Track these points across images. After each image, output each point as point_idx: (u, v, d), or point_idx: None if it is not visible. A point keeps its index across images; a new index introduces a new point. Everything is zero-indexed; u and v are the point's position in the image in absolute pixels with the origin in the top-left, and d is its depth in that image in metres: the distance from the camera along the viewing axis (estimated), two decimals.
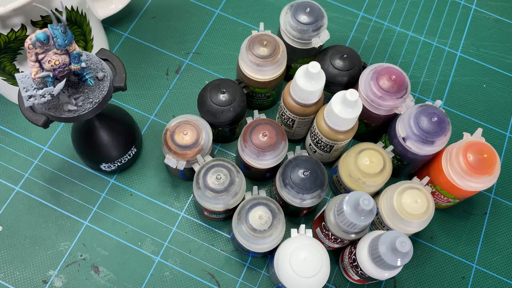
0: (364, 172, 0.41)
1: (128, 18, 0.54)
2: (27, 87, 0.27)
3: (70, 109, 0.29)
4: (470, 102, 0.54)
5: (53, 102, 0.29)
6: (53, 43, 0.27)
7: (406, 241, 0.35)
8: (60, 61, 0.27)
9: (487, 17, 0.59)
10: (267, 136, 0.41)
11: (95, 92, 0.30)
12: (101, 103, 0.29)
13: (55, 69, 0.27)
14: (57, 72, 0.28)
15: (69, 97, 0.29)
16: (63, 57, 0.27)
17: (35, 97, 0.27)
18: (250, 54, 0.43)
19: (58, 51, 0.27)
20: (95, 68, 0.30)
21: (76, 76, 0.30)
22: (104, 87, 0.30)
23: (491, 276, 0.46)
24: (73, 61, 0.28)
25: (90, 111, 0.29)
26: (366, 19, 0.57)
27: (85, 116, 0.29)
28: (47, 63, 0.27)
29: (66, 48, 0.27)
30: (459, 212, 0.48)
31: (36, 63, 0.27)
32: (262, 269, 0.44)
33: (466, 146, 0.41)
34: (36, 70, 0.27)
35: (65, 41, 0.27)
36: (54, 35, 0.27)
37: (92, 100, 0.29)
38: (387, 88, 0.42)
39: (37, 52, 0.27)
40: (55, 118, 0.29)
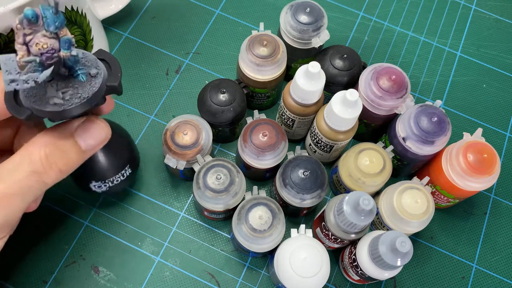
0: (364, 172, 0.41)
1: (128, 18, 0.55)
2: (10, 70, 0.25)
3: (55, 102, 0.26)
4: (470, 102, 0.54)
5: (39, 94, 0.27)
6: (42, 24, 0.25)
7: (406, 241, 0.35)
8: (49, 45, 0.25)
9: (487, 17, 0.59)
10: (267, 136, 0.41)
11: (85, 88, 0.27)
12: (90, 99, 0.27)
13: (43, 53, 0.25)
14: (45, 58, 0.25)
15: (56, 91, 0.27)
16: (52, 41, 0.25)
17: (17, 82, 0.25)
18: (250, 54, 0.43)
19: (47, 33, 0.25)
20: (89, 66, 0.29)
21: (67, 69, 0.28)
22: (95, 84, 0.28)
23: (491, 276, 0.46)
24: (63, 47, 0.25)
25: (77, 106, 0.27)
26: (366, 19, 0.57)
27: (71, 112, 0.27)
28: (34, 46, 0.25)
29: (56, 32, 0.25)
30: (459, 212, 0.48)
31: (24, 46, 0.25)
32: (262, 269, 0.44)
33: (466, 146, 0.41)
34: (23, 53, 0.25)
35: (56, 23, 0.25)
36: (44, 15, 0.24)
37: (81, 95, 0.27)
38: (387, 88, 0.42)
39: (25, 33, 0.25)
40: (39, 112, 0.26)
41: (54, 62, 0.26)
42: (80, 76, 0.28)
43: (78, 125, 0.29)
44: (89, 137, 0.30)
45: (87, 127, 0.30)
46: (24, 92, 0.27)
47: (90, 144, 0.30)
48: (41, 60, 0.25)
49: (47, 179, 0.28)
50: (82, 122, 0.30)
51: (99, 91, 0.28)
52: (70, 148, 0.29)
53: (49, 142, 0.28)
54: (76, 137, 0.29)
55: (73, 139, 0.29)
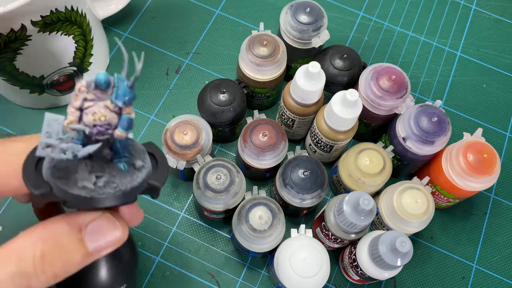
0: (364, 172, 0.41)
1: (128, 18, 0.54)
2: (51, 133, 0.20)
3: (85, 185, 0.21)
4: (470, 102, 0.54)
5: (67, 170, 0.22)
6: (110, 94, 0.21)
7: (406, 241, 0.35)
8: (107, 118, 0.21)
9: (487, 17, 0.59)
10: (267, 136, 0.41)
11: (123, 179, 0.22)
12: (125, 194, 0.22)
13: (96, 125, 0.21)
14: (96, 132, 0.21)
15: (89, 173, 0.22)
16: (112, 115, 0.21)
17: (53, 149, 0.20)
18: (250, 54, 0.43)
19: (111, 105, 0.21)
20: (134, 156, 0.24)
21: (111, 152, 0.23)
22: (137, 178, 0.23)
23: (491, 276, 0.46)
24: (121, 125, 0.21)
25: (109, 198, 0.22)
26: (366, 19, 0.57)
27: (99, 202, 0.22)
28: (90, 114, 0.21)
29: (121, 107, 0.21)
30: (459, 212, 0.48)
31: (77, 112, 0.21)
32: (262, 269, 0.44)
33: (466, 146, 0.41)
34: (73, 119, 0.21)
35: (126, 97, 0.21)
36: (116, 84, 0.21)
37: (116, 186, 0.22)
38: (387, 88, 0.42)
39: (86, 98, 0.21)
40: (61, 191, 0.21)
41: (103, 139, 0.22)
42: (122, 164, 0.23)
43: (90, 220, 0.23)
44: (102, 238, 0.23)
45: (102, 225, 0.23)
46: (51, 162, 0.22)
47: (99, 246, 0.23)
48: (90, 133, 0.21)
49: (36, 284, 0.22)
50: (96, 218, 0.23)
51: (138, 188, 0.23)
52: (74, 248, 0.23)
53: (49, 236, 0.22)
54: (85, 235, 0.23)
55: (80, 236, 0.23)
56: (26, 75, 0.43)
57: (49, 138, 0.20)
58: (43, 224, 0.23)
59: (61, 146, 0.21)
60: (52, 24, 0.40)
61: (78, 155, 0.21)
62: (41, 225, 0.23)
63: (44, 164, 0.22)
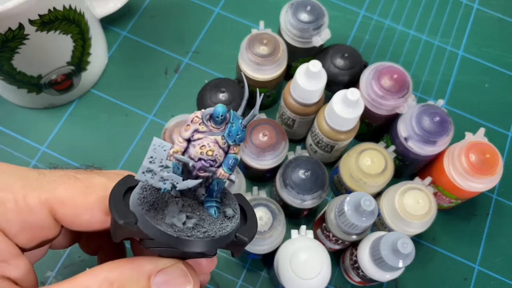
0: (366, 172, 0.40)
1: (127, 17, 0.54)
2: (155, 159, 0.20)
3: (174, 223, 0.20)
4: (473, 102, 0.53)
5: (157, 205, 0.21)
6: (222, 129, 0.21)
7: (407, 242, 0.35)
8: (214, 154, 0.20)
9: (490, 16, 0.59)
10: (267, 136, 0.40)
11: (212, 225, 0.21)
12: (213, 242, 0.20)
13: (201, 159, 0.20)
14: (198, 166, 0.20)
15: (179, 212, 0.21)
16: (220, 152, 0.20)
17: (154, 175, 0.20)
18: (250, 53, 0.42)
19: (221, 141, 0.20)
20: (226, 204, 0.23)
21: (205, 193, 0.22)
22: (226, 227, 0.21)
23: (493, 278, 0.46)
24: (226, 165, 0.21)
25: (196, 242, 0.20)
26: (367, 18, 0.57)
27: (185, 245, 0.20)
28: (198, 147, 0.20)
29: (230, 145, 0.21)
30: (461, 213, 0.48)
31: (185, 143, 0.21)
32: (262, 271, 0.44)
33: (468, 146, 0.40)
34: (179, 149, 0.20)
35: (238, 135, 0.21)
36: (231, 120, 0.21)
37: (206, 231, 0.20)
38: (389, 87, 0.42)
39: (197, 130, 0.21)
40: (147, 225, 0.20)
41: (204, 176, 0.21)
42: (213, 209, 0.22)
43: (161, 270, 0.21)
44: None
45: (173, 276, 0.21)
46: (141, 194, 0.21)
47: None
48: (193, 166, 0.20)
49: None
50: (168, 267, 0.21)
51: (226, 238, 0.21)
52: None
53: (116, 279, 0.20)
54: (153, 284, 0.21)
55: (148, 283, 0.21)
56: (24, 74, 0.43)
57: (152, 164, 0.19)
58: (112, 265, 0.21)
59: (162, 175, 0.20)
60: (50, 23, 0.39)
61: (178, 187, 0.20)
62: (110, 265, 0.21)
63: (132, 195, 0.21)
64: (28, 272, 0.22)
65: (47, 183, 0.22)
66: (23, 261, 0.22)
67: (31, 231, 0.22)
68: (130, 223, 0.20)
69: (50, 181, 0.22)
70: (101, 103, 0.50)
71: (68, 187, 0.22)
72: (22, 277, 0.21)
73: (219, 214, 0.22)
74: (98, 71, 0.50)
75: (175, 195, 0.21)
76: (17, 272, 0.21)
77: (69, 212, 0.22)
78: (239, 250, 0.23)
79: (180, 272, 0.21)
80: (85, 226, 0.23)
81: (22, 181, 0.22)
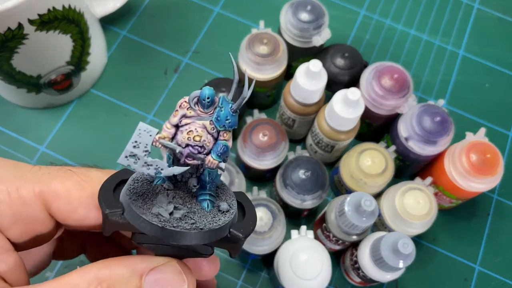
0: (366, 172, 0.40)
1: (127, 17, 0.54)
2: (139, 144, 0.19)
3: (159, 213, 0.19)
4: (473, 102, 0.53)
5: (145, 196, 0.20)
6: (211, 113, 0.20)
7: (408, 243, 0.34)
8: (202, 139, 0.19)
9: (490, 15, 0.58)
10: (267, 136, 0.40)
11: (203, 218, 0.20)
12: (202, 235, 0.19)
13: (188, 145, 0.19)
14: (186, 153, 0.19)
15: (168, 203, 0.20)
16: (209, 138, 0.20)
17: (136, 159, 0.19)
18: (250, 52, 0.42)
19: (209, 126, 0.20)
20: (221, 198, 0.22)
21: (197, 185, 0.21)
22: (218, 221, 0.20)
23: (493, 278, 0.45)
24: (215, 151, 0.20)
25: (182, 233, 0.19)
26: (368, 18, 0.57)
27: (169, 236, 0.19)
28: (185, 132, 0.19)
29: (220, 130, 0.20)
30: (461, 213, 0.48)
31: (173, 129, 0.20)
32: (262, 271, 0.44)
33: (469, 146, 0.40)
34: (166, 135, 0.20)
35: (228, 120, 0.20)
36: (220, 105, 0.20)
37: (194, 223, 0.19)
38: (389, 87, 0.42)
39: (185, 115, 0.20)
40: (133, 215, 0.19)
41: (192, 163, 0.20)
42: (206, 203, 0.21)
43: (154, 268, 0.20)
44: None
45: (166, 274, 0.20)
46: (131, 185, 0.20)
47: None
48: (180, 153, 0.20)
49: None
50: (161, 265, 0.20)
51: (217, 231, 0.20)
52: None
53: (106, 278, 0.19)
54: (145, 282, 0.20)
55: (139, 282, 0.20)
56: (23, 74, 0.42)
57: (136, 148, 0.19)
58: (103, 263, 0.20)
59: (146, 160, 0.19)
60: (49, 23, 0.39)
61: (162, 173, 0.19)
62: (100, 264, 0.20)
63: (123, 189, 0.20)
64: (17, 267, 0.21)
65: (42, 176, 0.21)
66: (13, 256, 0.21)
67: (23, 224, 0.21)
68: (115, 213, 0.19)
69: (45, 174, 0.22)
70: (100, 103, 0.49)
71: (63, 180, 0.22)
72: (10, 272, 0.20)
73: (212, 208, 0.21)
74: (98, 71, 0.50)
75: (168, 187, 0.21)
76: (4, 266, 0.20)
77: (64, 206, 0.21)
78: (236, 249, 0.21)
79: (174, 271, 0.20)
80: (80, 221, 0.22)
81: (15, 173, 0.21)
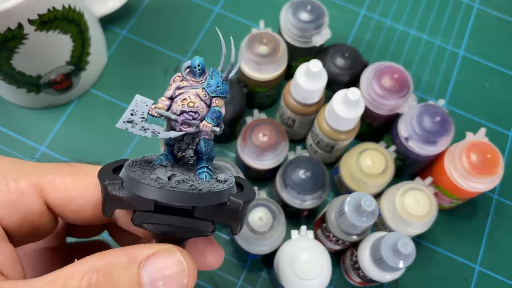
0: (366, 172, 0.40)
1: (126, 17, 0.54)
2: (136, 112, 0.20)
3: (158, 177, 0.20)
4: (473, 102, 0.53)
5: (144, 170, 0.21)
6: (203, 82, 0.21)
7: (408, 243, 0.34)
8: (195, 105, 0.20)
9: (490, 15, 0.58)
10: (267, 136, 0.40)
11: (201, 185, 0.20)
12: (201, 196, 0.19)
13: (183, 112, 0.21)
14: (181, 120, 0.20)
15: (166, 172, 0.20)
16: (202, 105, 0.21)
17: (134, 124, 0.20)
18: (249, 52, 0.42)
19: (202, 93, 0.21)
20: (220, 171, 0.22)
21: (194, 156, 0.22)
22: (216, 188, 0.20)
23: (494, 278, 0.45)
24: (209, 117, 0.21)
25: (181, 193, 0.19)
26: (368, 18, 0.57)
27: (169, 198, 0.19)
28: (179, 101, 0.21)
29: (212, 97, 0.21)
30: (462, 213, 0.48)
31: (168, 101, 0.21)
32: (262, 271, 0.44)
33: (469, 146, 0.40)
34: (161, 106, 0.21)
35: (218, 87, 0.21)
36: (211, 74, 0.21)
37: (192, 185, 0.20)
38: (389, 87, 0.42)
39: (179, 86, 0.21)
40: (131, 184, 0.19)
41: (188, 131, 0.21)
42: (204, 174, 0.21)
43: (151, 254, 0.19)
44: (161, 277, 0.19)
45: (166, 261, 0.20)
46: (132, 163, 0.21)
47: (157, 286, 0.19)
48: (175, 121, 0.21)
49: None
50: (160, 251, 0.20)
51: (216, 195, 0.20)
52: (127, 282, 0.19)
53: (102, 266, 0.19)
54: (143, 269, 0.19)
55: (137, 269, 0.19)
56: (23, 74, 0.42)
57: (133, 115, 0.20)
58: (101, 253, 0.20)
59: (141, 124, 0.20)
60: (49, 23, 0.39)
61: (158, 136, 0.20)
62: (99, 254, 0.20)
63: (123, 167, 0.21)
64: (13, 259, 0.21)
65: (38, 167, 0.22)
66: (8, 247, 0.21)
67: (20, 214, 0.21)
68: (115, 184, 0.19)
69: (42, 167, 0.22)
70: (100, 103, 0.49)
71: (60, 172, 0.22)
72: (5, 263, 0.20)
73: (210, 179, 0.21)
74: (98, 71, 0.50)
75: (166, 165, 0.21)
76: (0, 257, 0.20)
77: (61, 195, 0.22)
78: (236, 221, 0.21)
79: (174, 257, 0.20)
80: (78, 212, 0.22)
81: (13, 166, 0.22)
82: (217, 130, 0.21)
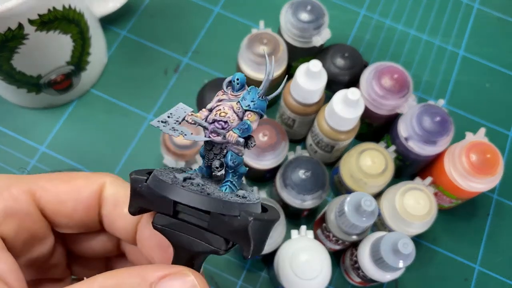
0: (366, 172, 0.40)
1: (126, 17, 0.54)
2: (173, 115, 0.22)
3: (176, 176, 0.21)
4: (473, 102, 0.53)
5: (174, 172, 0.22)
6: (239, 96, 0.22)
7: (408, 243, 0.34)
8: (227, 115, 0.21)
9: (490, 15, 0.58)
10: (267, 136, 0.40)
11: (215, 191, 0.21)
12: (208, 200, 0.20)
13: (215, 120, 0.21)
14: (211, 128, 0.21)
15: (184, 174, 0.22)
16: (234, 116, 0.21)
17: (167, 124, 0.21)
18: (250, 52, 0.42)
19: (236, 106, 0.21)
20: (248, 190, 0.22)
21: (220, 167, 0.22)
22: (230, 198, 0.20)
23: (494, 278, 0.45)
24: (237, 127, 0.21)
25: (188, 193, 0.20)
26: (368, 18, 0.57)
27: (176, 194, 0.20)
28: (214, 111, 0.22)
29: (245, 110, 0.21)
30: (461, 213, 0.48)
31: (207, 112, 0.22)
32: (262, 271, 0.44)
33: (469, 146, 0.40)
34: (199, 115, 0.22)
35: (253, 102, 0.21)
36: (249, 89, 0.22)
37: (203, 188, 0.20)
38: (389, 87, 0.42)
39: (220, 99, 0.22)
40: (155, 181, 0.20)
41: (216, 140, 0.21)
42: (225, 187, 0.21)
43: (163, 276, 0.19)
44: None
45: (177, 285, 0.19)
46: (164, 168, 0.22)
47: None
48: (206, 128, 0.21)
49: None
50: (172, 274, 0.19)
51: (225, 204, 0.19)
52: None
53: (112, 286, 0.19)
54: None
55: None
56: (23, 74, 0.42)
57: (169, 118, 0.22)
58: (111, 273, 0.19)
59: (173, 125, 0.21)
60: (49, 23, 0.39)
61: (185, 138, 0.21)
62: (108, 273, 0.19)
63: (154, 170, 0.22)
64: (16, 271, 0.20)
65: (29, 177, 0.23)
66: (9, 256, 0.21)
67: (15, 220, 0.21)
68: (140, 179, 0.21)
69: (32, 176, 0.23)
70: (100, 103, 0.49)
71: (50, 177, 0.23)
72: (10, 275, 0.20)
73: (230, 192, 0.21)
74: (98, 71, 0.50)
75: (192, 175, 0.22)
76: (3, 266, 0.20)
77: (53, 199, 0.22)
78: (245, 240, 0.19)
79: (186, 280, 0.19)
80: (70, 216, 0.22)
81: (5, 176, 0.22)
82: (241, 141, 0.21)
